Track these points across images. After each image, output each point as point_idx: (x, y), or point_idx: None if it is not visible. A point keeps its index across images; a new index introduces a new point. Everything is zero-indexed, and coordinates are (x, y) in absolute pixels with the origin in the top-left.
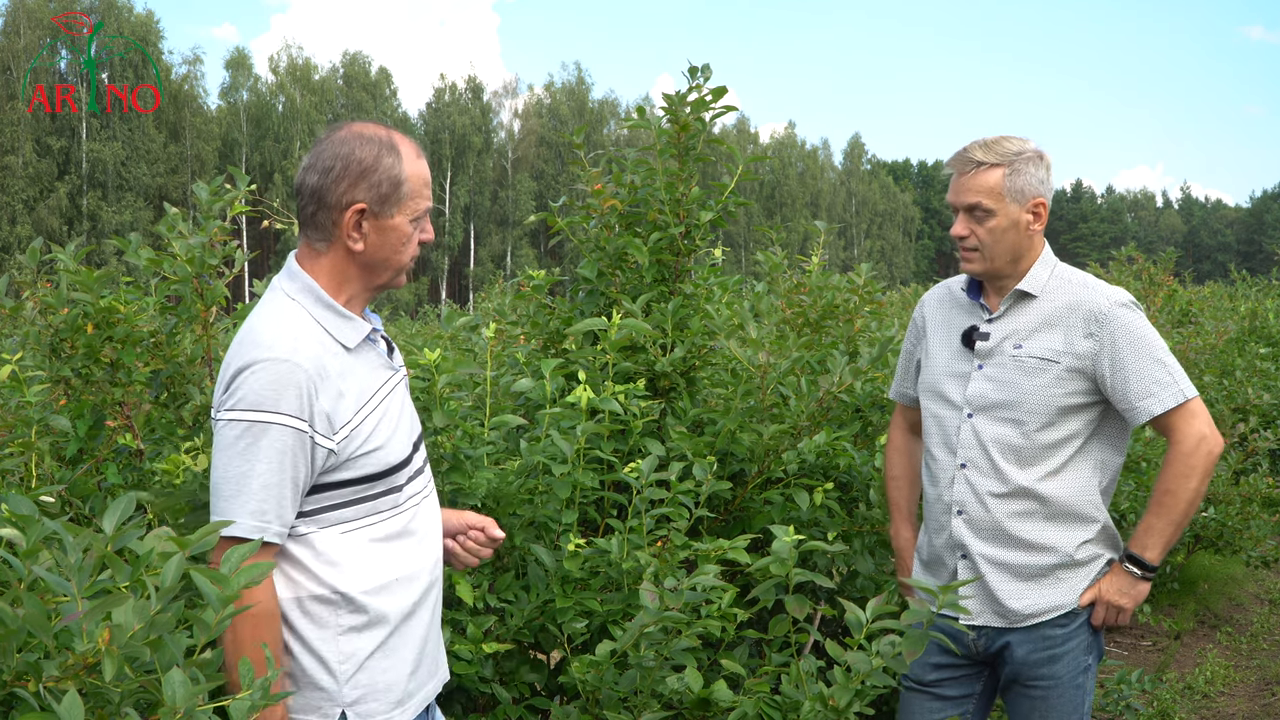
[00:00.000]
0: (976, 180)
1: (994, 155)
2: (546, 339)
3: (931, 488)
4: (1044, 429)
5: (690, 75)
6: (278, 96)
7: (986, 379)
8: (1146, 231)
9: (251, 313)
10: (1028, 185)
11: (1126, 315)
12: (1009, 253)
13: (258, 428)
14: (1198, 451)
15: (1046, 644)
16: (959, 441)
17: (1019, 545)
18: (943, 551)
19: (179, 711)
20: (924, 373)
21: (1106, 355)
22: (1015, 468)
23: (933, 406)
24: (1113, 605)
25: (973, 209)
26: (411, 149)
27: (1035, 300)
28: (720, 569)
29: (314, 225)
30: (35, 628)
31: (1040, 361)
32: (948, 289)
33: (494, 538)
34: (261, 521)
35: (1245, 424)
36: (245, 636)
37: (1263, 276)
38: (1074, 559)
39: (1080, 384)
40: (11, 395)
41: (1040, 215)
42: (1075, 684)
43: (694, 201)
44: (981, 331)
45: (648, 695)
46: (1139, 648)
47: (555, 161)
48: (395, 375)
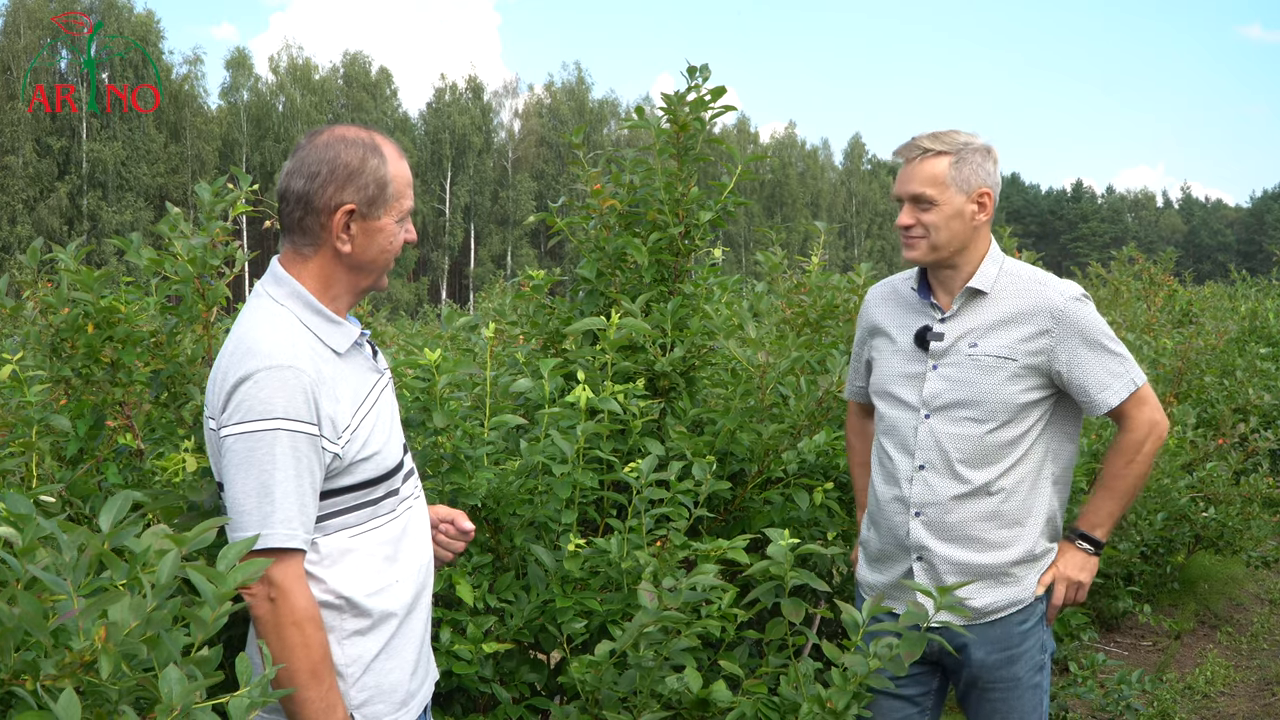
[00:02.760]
0: (922, 169)
1: (940, 144)
2: (546, 339)
3: (886, 486)
4: (1003, 427)
5: (689, 75)
6: (278, 96)
7: (943, 379)
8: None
9: (239, 321)
10: (973, 175)
11: (1080, 309)
12: (954, 241)
13: (269, 436)
14: (1148, 436)
15: (1003, 644)
16: (917, 443)
17: (979, 545)
18: (895, 550)
19: (176, 709)
20: (875, 373)
21: (1063, 351)
22: (973, 468)
23: (886, 408)
24: (1072, 581)
25: (918, 198)
26: (394, 150)
27: (987, 297)
28: (720, 569)
29: (300, 230)
30: (32, 626)
31: (996, 359)
32: (892, 287)
33: (463, 530)
34: (290, 529)
35: (1245, 424)
36: (294, 642)
37: (1263, 277)
38: (1033, 554)
39: (1036, 380)
40: (12, 395)
41: (985, 206)
42: (1033, 683)
43: (693, 201)
44: (935, 331)
45: (647, 695)
46: (1139, 648)
47: (555, 161)
48: (382, 378)
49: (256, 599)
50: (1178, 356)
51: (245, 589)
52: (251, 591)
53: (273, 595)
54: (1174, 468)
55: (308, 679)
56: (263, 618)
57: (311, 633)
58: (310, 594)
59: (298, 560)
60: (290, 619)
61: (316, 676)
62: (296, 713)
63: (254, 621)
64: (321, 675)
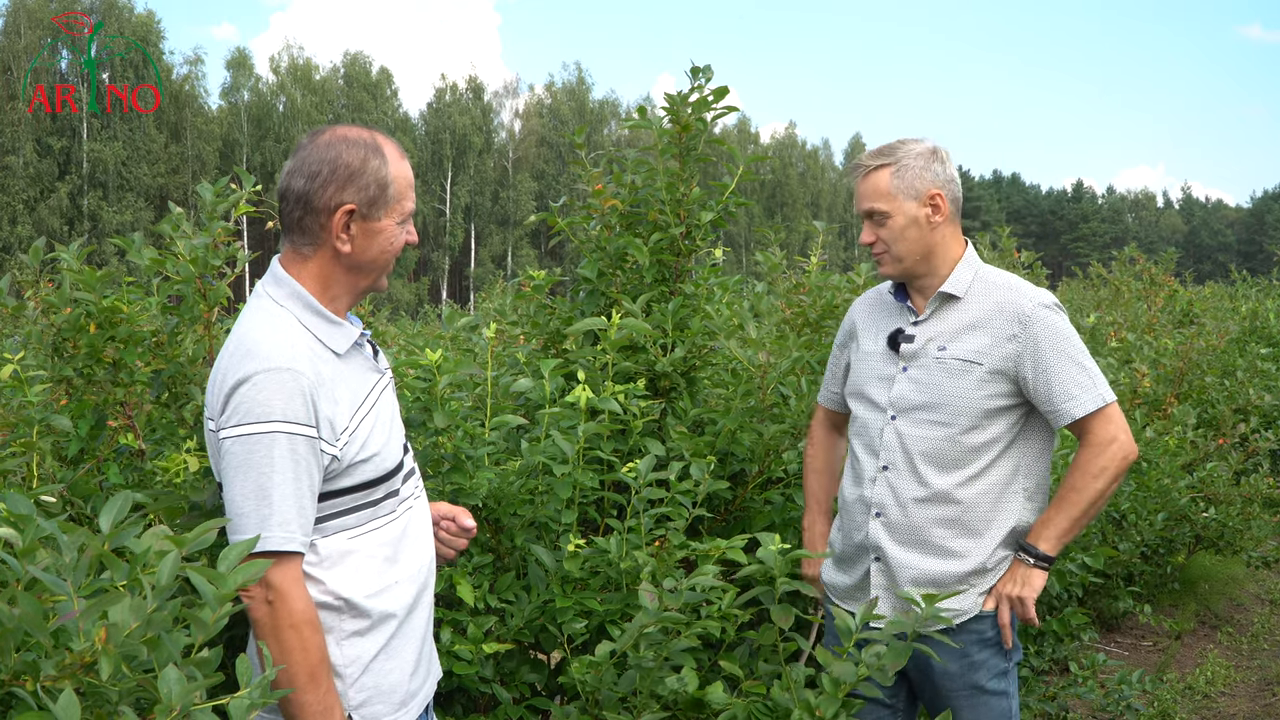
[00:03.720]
0: (868, 184)
1: (881, 158)
2: (546, 339)
3: (852, 487)
4: (968, 432)
5: (692, 76)
6: (279, 97)
7: (910, 381)
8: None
9: (239, 322)
10: (917, 179)
11: (1049, 317)
12: (915, 250)
13: (268, 439)
14: (1111, 455)
15: (963, 653)
16: (881, 444)
17: (935, 551)
18: (855, 551)
19: (176, 710)
20: (852, 375)
21: (1029, 357)
22: (936, 472)
23: (858, 408)
24: (1012, 597)
25: (871, 214)
26: (395, 151)
27: (960, 302)
28: (720, 569)
29: (300, 230)
30: (32, 627)
31: (963, 364)
32: (878, 293)
33: (465, 527)
34: (288, 532)
35: (1246, 424)
36: (292, 645)
37: (1263, 277)
38: (985, 567)
39: (1003, 386)
40: (13, 395)
41: (939, 207)
42: (998, 689)
43: (695, 202)
44: (907, 334)
45: (647, 696)
46: (1139, 648)
47: (556, 162)
48: (383, 379)
49: (254, 601)
50: (1178, 357)
51: (243, 591)
52: (249, 594)
53: (270, 598)
54: (1174, 468)
55: (305, 681)
56: (260, 620)
57: (309, 635)
58: (308, 596)
59: (296, 563)
60: (288, 621)
61: (314, 679)
62: (294, 715)
63: (252, 624)
64: (319, 677)
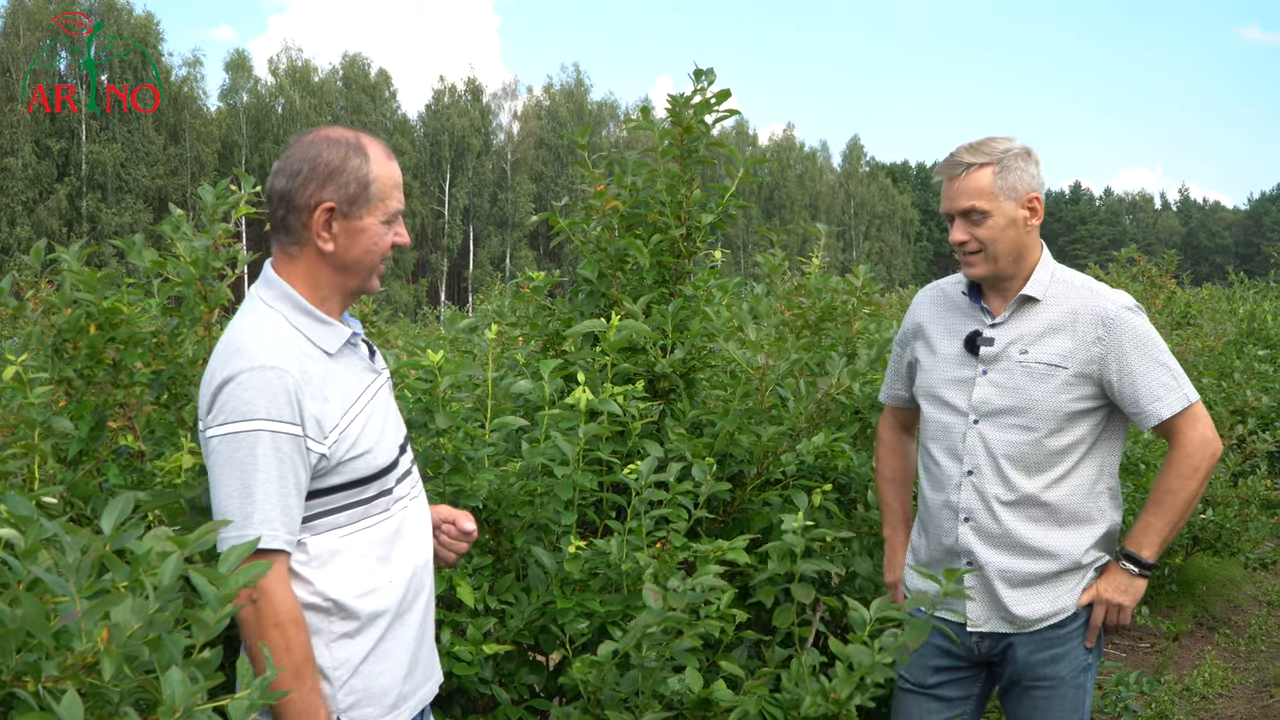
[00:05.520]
0: (968, 183)
1: (982, 155)
2: (546, 340)
3: (934, 492)
4: (1052, 435)
5: (695, 78)
6: (277, 98)
7: (992, 385)
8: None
9: (230, 324)
10: (1020, 181)
11: (1133, 319)
12: (1011, 251)
13: (251, 437)
14: (1200, 454)
15: (1049, 644)
16: (965, 448)
17: (1027, 552)
18: (944, 556)
19: (178, 710)
20: (922, 376)
21: (1114, 360)
22: (1023, 475)
23: (934, 412)
24: (1112, 604)
25: (968, 212)
26: (381, 151)
27: (1039, 304)
28: (720, 570)
29: (285, 229)
30: (34, 628)
31: (1048, 367)
32: (941, 290)
33: (465, 530)
34: (271, 530)
35: (1244, 426)
36: (276, 643)
37: (1261, 279)
38: (1079, 563)
39: (1087, 389)
40: (14, 396)
41: (1036, 210)
42: (1076, 683)
43: (695, 204)
44: (985, 336)
45: (649, 696)
46: (1137, 649)
47: (554, 163)
48: (379, 378)
49: (238, 600)
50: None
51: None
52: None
53: (254, 596)
54: None
55: (290, 679)
56: (244, 619)
57: (293, 634)
58: (293, 595)
59: (280, 561)
60: (272, 620)
61: (299, 677)
62: (277, 713)
63: (238, 623)
64: (304, 676)
